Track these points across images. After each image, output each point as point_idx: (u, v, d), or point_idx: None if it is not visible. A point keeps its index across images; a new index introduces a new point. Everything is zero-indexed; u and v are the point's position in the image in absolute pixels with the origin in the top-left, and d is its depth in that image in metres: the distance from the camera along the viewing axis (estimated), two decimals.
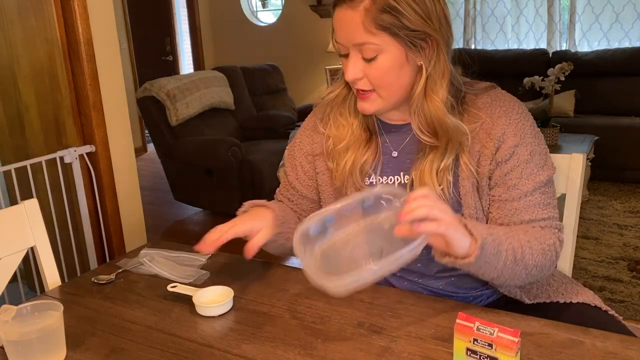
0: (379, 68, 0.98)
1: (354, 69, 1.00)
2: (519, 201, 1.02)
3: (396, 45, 0.97)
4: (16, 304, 0.92)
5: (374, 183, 1.10)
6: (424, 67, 0.99)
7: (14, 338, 0.86)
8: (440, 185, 1.02)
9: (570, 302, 1.06)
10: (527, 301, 1.06)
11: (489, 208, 1.06)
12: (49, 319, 0.89)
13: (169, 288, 1.07)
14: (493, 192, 1.05)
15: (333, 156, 1.11)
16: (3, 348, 0.87)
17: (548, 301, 1.07)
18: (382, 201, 0.94)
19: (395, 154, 1.10)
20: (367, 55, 0.98)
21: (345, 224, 0.96)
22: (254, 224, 1.08)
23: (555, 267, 1.22)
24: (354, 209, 0.91)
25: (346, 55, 1.01)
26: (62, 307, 0.90)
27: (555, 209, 1.05)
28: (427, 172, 1.03)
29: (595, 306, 1.05)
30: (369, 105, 1.04)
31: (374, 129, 1.12)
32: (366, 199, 0.93)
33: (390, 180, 1.09)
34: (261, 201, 1.16)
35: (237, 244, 1.19)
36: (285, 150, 1.26)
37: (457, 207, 1.04)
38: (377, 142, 1.11)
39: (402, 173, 1.09)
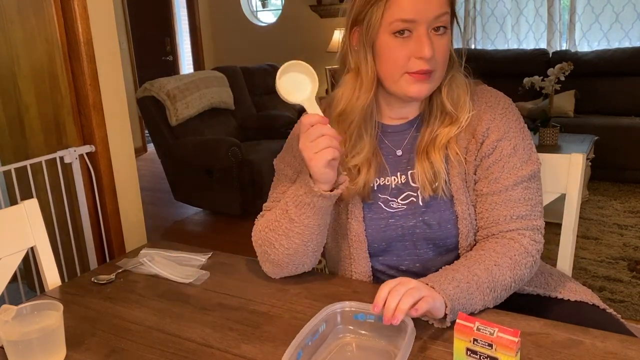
0: (445, 44, 1.01)
1: (430, 44, 0.98)
2: (500, 195, 1.03)
3: (450, 20, 1.02)
4: (16, 304, 0.92)
5: (374, 186, 1.10)
6: (452, 44, 1.05)
7: (14, 338, 0.86)
8: (442, 160, 1.04)
9: (569, 299, 1.06)
10: (527, 288, 1.07)
11: (475, 203, 1.07)
12: (49, 319, 0.89)
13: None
14: (476, 186, 1.06)
15: (341, 170, 1.07)
16: (3, 348, 0.87)
17: (548, 294, 1.08)
18: (338, 316, 0.90)
19: (399, 152, 1.11)
20: (442, 24, 0.99)
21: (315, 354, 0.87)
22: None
23: (554, 266, 1.23)
24: (314, 337, 0.86)
25: (403, 31, 0.98)
26: (62, 307, 0.89)
27: (537, 206, 1.04)
28: (432, 146, 1.05)
29: (593, 304, 1.06)
30: (428, 86, 1.02)
31: (376, 141, 1.10)
32: (320, 325, 0.87)
33: (388, 181, 1.10)
34: None
35: (237, 244, 1.19)
36: (282, 152, 1.19)
37: (450, 203, 1.05)
38: (379, 152, 1.10)
39: (398, 173, 1.10)
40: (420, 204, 1.07)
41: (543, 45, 4.87)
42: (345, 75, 1.08)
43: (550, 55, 4.68)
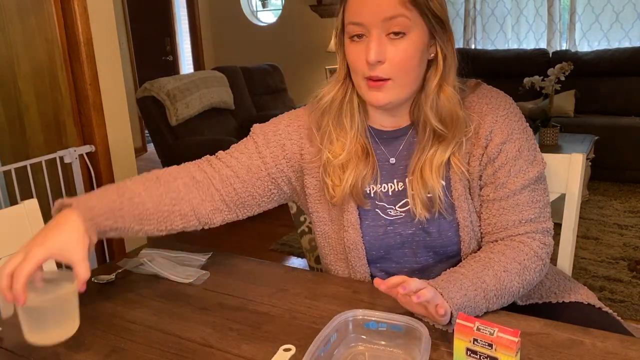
0: (405, 50, 0.95)
1: (378, 48, 0.94)
2: (507, 200, 1.01)
3: (423, 25, 0.96)
4: None
5: (369, 192, 1.07)
6: (439, 56, 0.99)
7: (28, 305, 0.84)
8: (440, 181, 1.01)
9: (563, 301, 1.06)
10: (520, 303, 1.06)
11: (480, 209, 1.05)
12: (64, 288, 0.88)
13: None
14: (482, 192, 1.04)
15: (330, 172, 1.07)
16: (17, 315, 0.85)
17: (541, 302, 1.07)
18: (350, 324, 0.89)
19: (392, 160, 1.08)
20: (396, 29, 0.94)
21: None
22: (59, 246, 0.89)
23: (554, 265, 1.23)
24: (326, 347, 0.84)
25: (360, 40, 0.97)
26: (77, 278, 0.88)
27: (544, 208, 1.03)
28: (428, 167, 1.01)
29: (589, 304, 1.05)
30: (384, 95, 0.98)
31: (368, 140, 1.08)
32: (331, 334, 0.86)
33: (384, 188, 1.07)
34: (71, 200, 0.97)
35: (237, 244, 1.18)
36: (266, 125, 1.15)
37: (450, 211, 1.03)
38: (373, 154, 1.07)
39: (395, 180, 1.07)
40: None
41: (543, 45, 4.87)
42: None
43: (550, 55, 4.68)
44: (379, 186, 1.07)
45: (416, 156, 1.04)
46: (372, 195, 1.08)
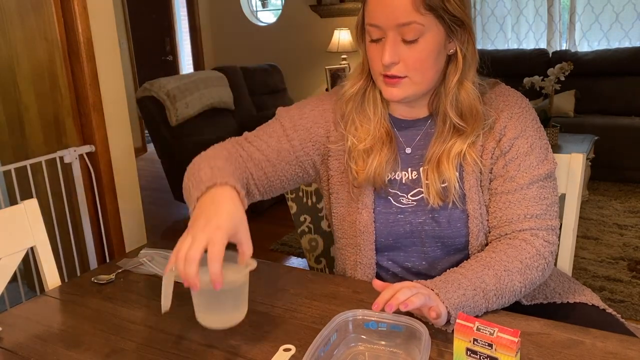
0: (420, 51, 0.97)
1: (392, 51, 0.97)
2: (514, 194, 1.02)
3: (439, 27, 0.97)
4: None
5: (384, 180, 1.09)
6: (459, 53, 1.01)
7: (204, 287, 0.82)
8: (455, 172, 1.03)
9: (568, 302, 1.06)
10: (525, 302, 1.06)
11: (489, 203, 1.06)
12: (239, 271, 0.86)
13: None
14: (491, 185, 1.06)
15: (355, 156, 1.09)
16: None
17: (545, 302, 1.07)
18: (350, 324, 0.89)
19: (408, 150, 1.10)
20: (409, 37, 0.96)
21: None
22: (234, 225, 0.85)
23: (555, 266, 1.23)
24: (326, 348, 0.84)
25: (378, 40, 1.00)
26: (255, 263, 0.87)
27: (552, 206, 1.04)
28: (445, 158, 1.03)
29: (593, 305, 1.05)
30: (399, 91, 1.02)
31: (391, 125, 1.11)
32: (331, 334, 0.86)
33: (398, 176, 1.09)
34: (213, 180, 0.92)
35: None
36: (291, 109, 1.16)
37: (462, 201, 1.05)
38: (394, 140, 1.10)
39: (409, 169, 1.09)
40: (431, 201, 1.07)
41: (543, 45, 4.87)
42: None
43: (550, 55, 4.68)
44: (393, 173, 1.10)
45: (434, 147, 1.06)
46: (386, 182, 1.10)
